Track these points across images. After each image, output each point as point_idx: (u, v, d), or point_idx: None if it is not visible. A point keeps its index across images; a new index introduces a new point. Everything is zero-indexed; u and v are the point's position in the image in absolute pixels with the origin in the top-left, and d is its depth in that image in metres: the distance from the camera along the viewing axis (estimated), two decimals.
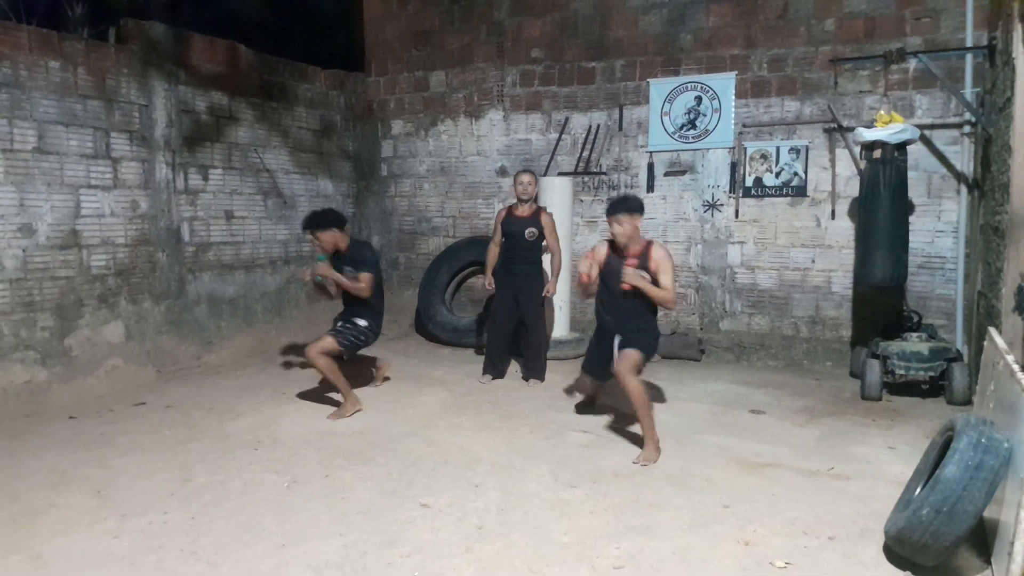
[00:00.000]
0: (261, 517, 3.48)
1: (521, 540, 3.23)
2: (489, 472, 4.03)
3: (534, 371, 5.99)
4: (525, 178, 5.83)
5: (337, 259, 5.14)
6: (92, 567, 3.02)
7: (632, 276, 4.22)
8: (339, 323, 5.25)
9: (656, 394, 5.57)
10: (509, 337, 6.10)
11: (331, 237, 5.11)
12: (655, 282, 4.26)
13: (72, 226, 5.62)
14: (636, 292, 4.26)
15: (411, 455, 4.29)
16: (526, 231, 5.80)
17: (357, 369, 5.71)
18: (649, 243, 4.41)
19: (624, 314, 4.42)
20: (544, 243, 5.90)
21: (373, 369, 5.93)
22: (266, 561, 3.06)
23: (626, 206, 4.33)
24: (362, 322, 5.21)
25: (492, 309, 6.20)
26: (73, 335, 5.62)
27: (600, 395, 5.22)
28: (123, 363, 5.93)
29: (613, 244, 4.46)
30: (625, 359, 4.27)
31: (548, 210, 6.12)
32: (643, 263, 4.30)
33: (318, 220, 5.14)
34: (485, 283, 6.10)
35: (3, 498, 3.69)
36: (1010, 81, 4.45)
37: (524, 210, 5.85)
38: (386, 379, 5.94)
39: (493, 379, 6.05)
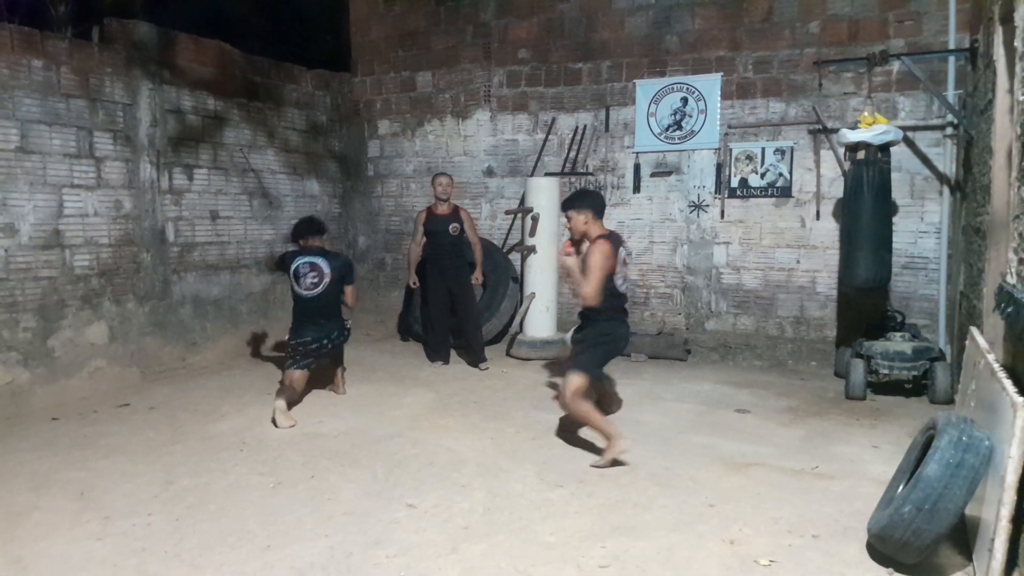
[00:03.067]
0: (246, 519, 3.46)
1: (507, 540, 3.23)
2: (475, 473, 4.03)
3: (480, 357, 6.52)
4: (444, 180, 6.50)
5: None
6: (74, 570, 3.00)
7: (562, 258, 4.30)
8: (332, 339, 5.35)
9: (641, 395, 5.59)
10: (448, 325, 6.67)
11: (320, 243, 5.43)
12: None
13: (55, 226, 5.57)
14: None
15: (397, 456, 4.28)
16: (450, 227, 6.44)
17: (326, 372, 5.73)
18: (599, 237, 4.26)
19: (583, 312, 4.46)
20: (464, 236, 6.52)
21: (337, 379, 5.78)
22: (251, 563, 3.05)
23: (571, 203, 4.38)
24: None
25: (425, 303, 6.74)
26: (56, 336, 5.57)
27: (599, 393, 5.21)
28: (107, 364, 5.89)
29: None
30: (565, 385, 4.25)
31: (527, 209, 6.86)
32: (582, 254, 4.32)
33: (319, 227, 5.46)
34: (409, 281, 6.71)
35: None
36: (991, 83, 4.49)
37: (444, 208, 6.50)
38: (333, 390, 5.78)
39: (443, 364, 6.63)
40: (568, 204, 4.39)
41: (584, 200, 4.36)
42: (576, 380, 4.21)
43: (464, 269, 6.58)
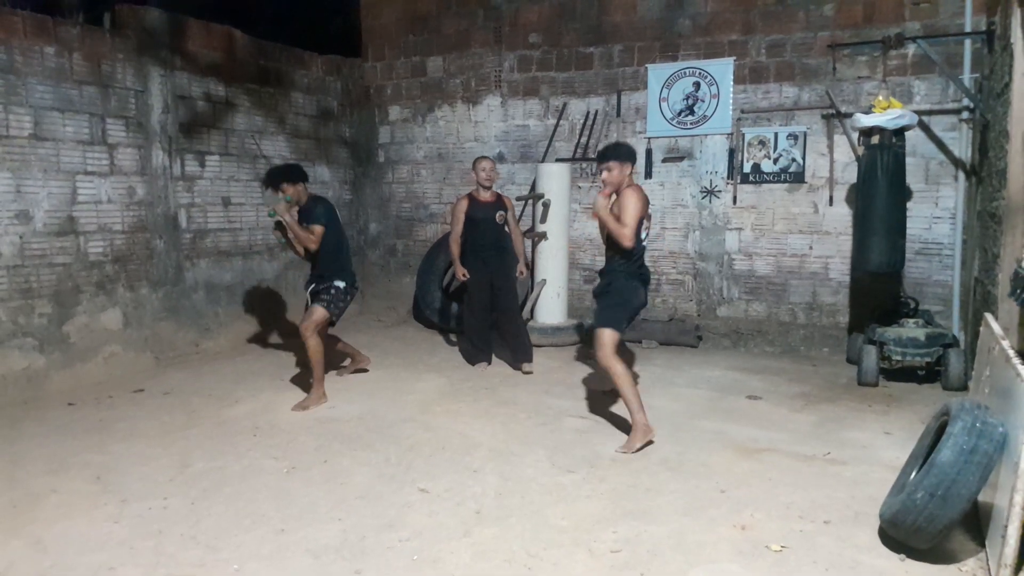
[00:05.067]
0: (260, 502, 3.49)
1: (518, 524, 3.25)
2: (487, 457, 4.05)
3: (525, 355, 5.98)
4: (488, 164, 5.92)
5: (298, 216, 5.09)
6: (92, 552, 3.03)
7: (597, 202, 4.20)
8: (316, 289, 5.11)
9: (652, 380, 5.58)
10: (489, 322, 6.13)
11: (298, 191, 5.07)
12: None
13: (69, 212, 5.61)
14: (610, 239, 4.26)
15: (409, 441, 4.31)
16: (496, 215, 5.90)
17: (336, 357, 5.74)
18: (629, 186, 4.28)
19: (606, 264, 4.44)
20: (506, 226, 6.02)
21: (348, 359, 5.81)
22: (265, 546, 3.08)
23: (615, 153, 4.27)
24: (339, 283, 5.11)
25: (468, 298, 6.13)
26: (71, 322, 5.62)
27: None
28: (121, 350, 5.94)
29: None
30: (598, 344, 4.21)
31: (538, 195, 6.39)
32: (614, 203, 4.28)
33: (292, 174, 5.07)
34: (459, 275, 6.01)
35: (3, 484, 3.71)
36: (1008, 67, 4.44)
37: (488, 195, 5.94)
38: (361, 371, 5.80)
39: (487, 365, 6.08)
40: (611, 154, 4.26)
41: (626, 152, 4.31)
42: (607, 335, 4.19)
43: (508, 261, 6.03)
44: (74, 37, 5.61)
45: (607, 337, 4.20)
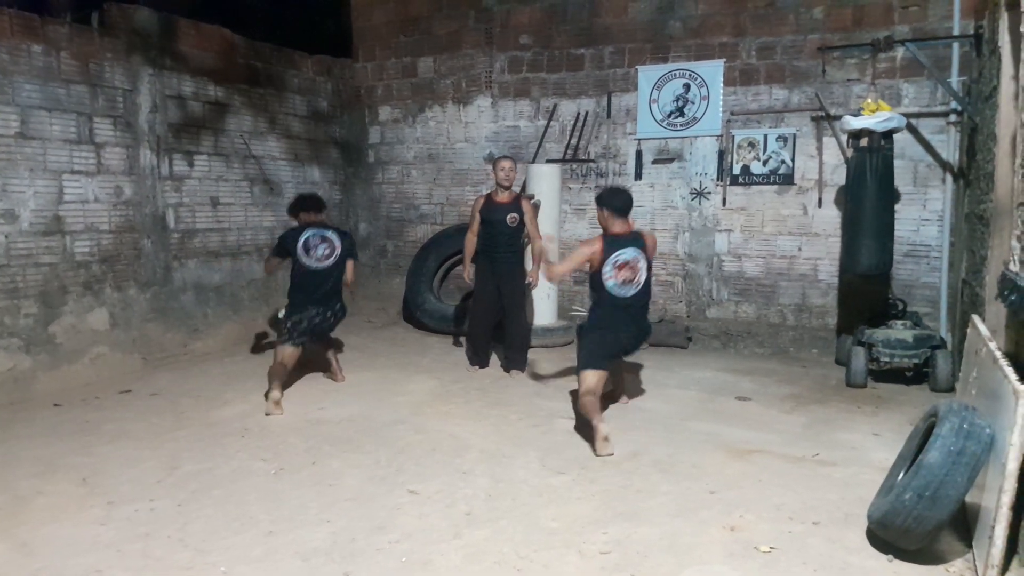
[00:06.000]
0: (249, 504, 3.48)
1: (509, 526, 3.25)
2: (478, 459, 4.04)
3: (516, 362, 5.92)
4: (507, 164, 5.73)
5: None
6: (79, 555, 3.01)
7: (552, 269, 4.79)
8: (335, 311, 5.31)
9: (643, 382, 5.59)
10: (491, 326, 6.03)
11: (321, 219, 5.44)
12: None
13: (55, 212, 5.56)
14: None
15: (400, 442, 4.30)
16: (507, 217, 5.71)
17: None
18: (601, 235, 4.56)
19: None
20: (524, 230, 5.84)
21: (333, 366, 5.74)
22: (255, 548, 3.07)
23: (597, 198, 4.71)
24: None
25: (473, 299, 6.09)
26: (57, 322, 5.57)
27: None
28: (108, 351, 5.89)
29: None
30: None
31: (528, 196, 6.20)
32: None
33: (320, 202, 5.48)
34: (465, 275, 5.96)
35: None
36: (996, 70, 4.47)
37: (504, 196, 5.77)
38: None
39: (480, 368, 6.03)
40: (596, 198, 4.70)
41: (601, 197, 4.62)
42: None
43: (518, 266, 5.89)
44: (62, 36, 5.57)
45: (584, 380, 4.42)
